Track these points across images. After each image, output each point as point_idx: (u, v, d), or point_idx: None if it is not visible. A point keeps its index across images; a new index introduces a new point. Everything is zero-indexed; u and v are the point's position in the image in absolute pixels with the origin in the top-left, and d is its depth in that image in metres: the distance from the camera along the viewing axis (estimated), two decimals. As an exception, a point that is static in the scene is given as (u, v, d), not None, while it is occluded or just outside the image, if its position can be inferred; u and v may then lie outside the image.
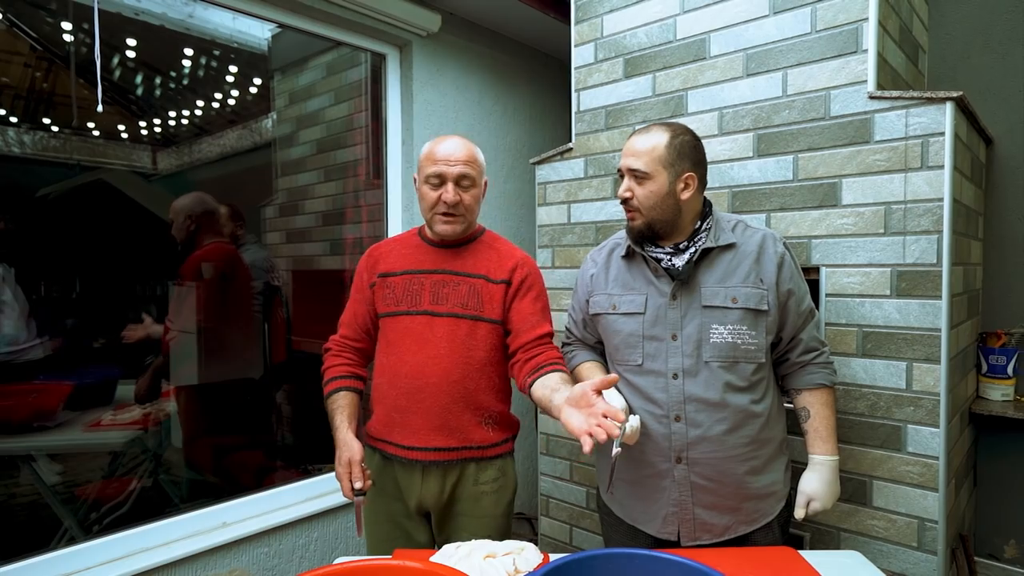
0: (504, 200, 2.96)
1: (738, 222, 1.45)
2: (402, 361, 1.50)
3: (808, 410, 1.45)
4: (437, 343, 1.48)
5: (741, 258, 1.39)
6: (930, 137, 1.59)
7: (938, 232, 1.59)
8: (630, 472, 1.47)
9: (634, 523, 1.49)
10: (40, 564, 1.66)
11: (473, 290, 1.51)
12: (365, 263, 1.62)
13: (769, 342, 1.41)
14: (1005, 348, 2.04)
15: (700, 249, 1.38)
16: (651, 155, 1.36)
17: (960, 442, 1.87)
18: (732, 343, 1.37)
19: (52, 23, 2.34)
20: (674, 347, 1.40)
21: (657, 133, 1.38)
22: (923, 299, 1.61)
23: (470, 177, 1.49)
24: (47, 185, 2.63)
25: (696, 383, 1.38)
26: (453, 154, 1.47)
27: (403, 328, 1.51)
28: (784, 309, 1.41)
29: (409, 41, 2.52)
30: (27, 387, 2.38)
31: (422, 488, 1.52)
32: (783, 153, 1.83)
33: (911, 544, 1.65)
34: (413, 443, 1.50)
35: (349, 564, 1.05)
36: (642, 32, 2.12)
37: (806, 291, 1.45)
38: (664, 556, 1.06)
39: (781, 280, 1.39)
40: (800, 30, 1.79)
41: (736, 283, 1.37)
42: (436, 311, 1.50)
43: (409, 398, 1.49)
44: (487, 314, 1.50)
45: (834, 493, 1.44)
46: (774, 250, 1.40)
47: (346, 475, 1.41)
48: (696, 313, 1.38)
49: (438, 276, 1.52)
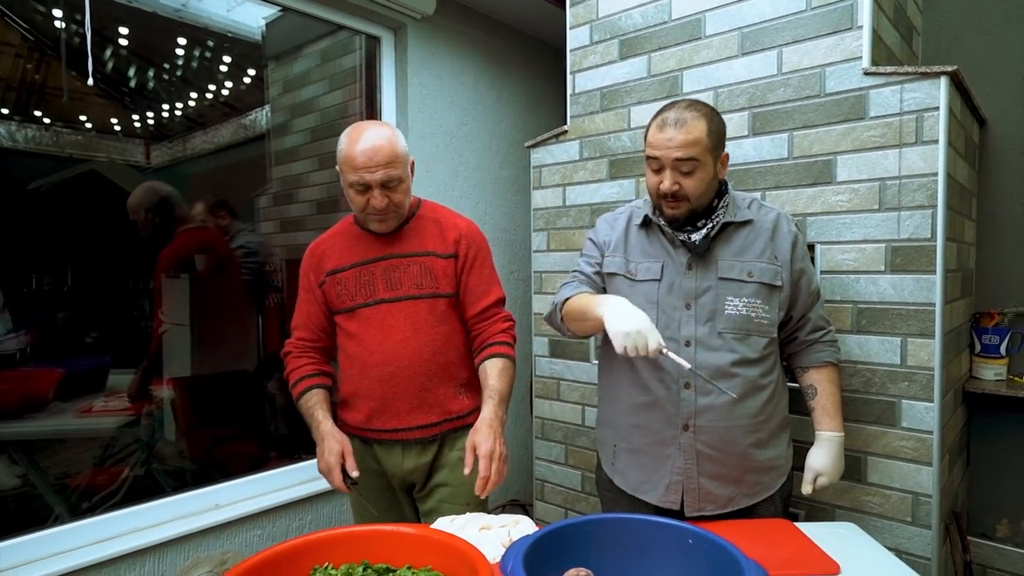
0: (499, 186, 2.96)
1: (753, 200, 1.47)
2: (370, 351, 1.50)
3: (815, 387, 1.47)
4: (399, 327, 1.49)
5: (757, 234, 1.41)
6: (925, 112, 1.59)
7: (932, 207, 1.59)
8: (635, 440, 1.47)
9: (635, 493, 1.49)
10: (29, 543, 1.64)
11: (424, 268, 1.51)
12: (308, 263, 1.60)
13: (780, 318, 1.43)
14: (998, 327, 2.05)
15: (719, 224, 1.39)
16: (699, 145, 1.32)
17: (954, 419, 1.88)
18: (746, 315, 1.38)
19: (44, 13, 2.31)
20: (687, 316, 1.41)
21: (696, 122, 1.33)
22: (917, 274, 1.62)
23: (395, 177, 1.43)
24: (38, 177, 2.61)
25: (708, 352, 1.39)
26: (373, 158, 1.39)
27: (363, 320, 1.51)
28: (796, 287, 1.43)
29: (404, 24, 2.51)
30: (16, 374, 2.36)
31: (403, 462, 1.54)
32: (778, 131, 1.83)
33: (905, 519, 1.65)
34: (395, 425, 1.51)
35: (346, 529, 1.05)
36: (637, 13, 2.12)
37: (814, 272, 1.50)
38: (658, 520, 1.06)
39: (795, 258, 1.42)
40: (795, 7, 1.79)
41: (752, 258, 1.40)
42: (392, 297, 1.50)
43: (385, 385, 1.49)
44: (443, 289, 1.52)
45: (839, 469, 1.47)
46: (788, 229, 1.43)
47: (337, 466, 1.41)
48: (712, 284, 1.40)
49: (387, 262, 1.52)
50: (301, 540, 1.00)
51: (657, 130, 1.36)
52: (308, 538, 1.01)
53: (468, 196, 2.80)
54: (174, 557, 1.83)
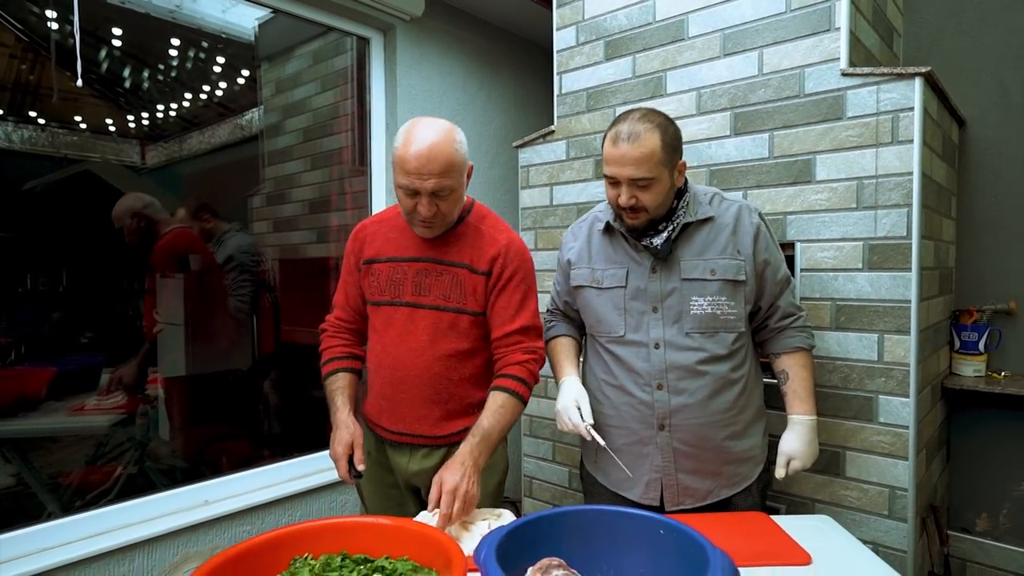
0: (488, 186, 2.98)
1: (715, 194, 1.48)
2: (386, 352, 1.50)
3: (787, 372, 1.48)
4: (419, 335, 1.46)
5: (719, 230, 1.42)
6: (900, 112, 1.62)
7: (908, 205, 1.62)
8: (614, 440, 1.50)
9: (617, 490, 1.52)
10: (20, 537, 1.66)
11: (455, 280, 1.46)
12: (352, 245, 1.59)
13: (748, 311, 1.45)
14: (977, 325, 2.08)
15: (679, 225, 1.41)
16: (651, 161, 1.31)
17: (932, 415, 1.91)
18: (712, 314, 1.40)
19: (37, 14, 2.33)
20: (655, 318, 1.43)
21: (648, 135, 1.32)
22: (894, 271, 1.65)
23: (447, 187, 1.35)
24: (33, 178, 2.62)
25: (677, 352, 1.41)
26: (426, 165, 1.31)
27: (387, 318, 1.50)
28: (761, 279, 1.44)
29: (393, 25, 2.54)
30: (9, 372, 2.38)
31: (408, 465, 1.53)
32: (759, 131, 1.86)
33: (882, 512, 1.68)
34: (400, 428, 1.51)
35: (326, 521, 1.08)
36: (622, 14, 2.15)
37: (782, 259, 1.49)
38: (630, 511, 1.08)
39: (757, 251, 1.42)
40: (775, 9, 1.82)
41: (714, 255, 1.41)
42: (418, 303, 1.46)
43: (393, 388, 1.49)
44: (469, 306, 1.45)
45: (813, 452, 1.47)
46: (750, 221, 1.43)
47: (345, 456, 1.39)
48: (676, 286, 1.41)
49: (421, 264, 1.47)
50: (282, 531, 1.03)
51: (611, 144, 1.35)
52: (289, 529, 1.03)
53: (458, 196, 2.82)
54: (164, 552, 1.85)
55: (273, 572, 0.96)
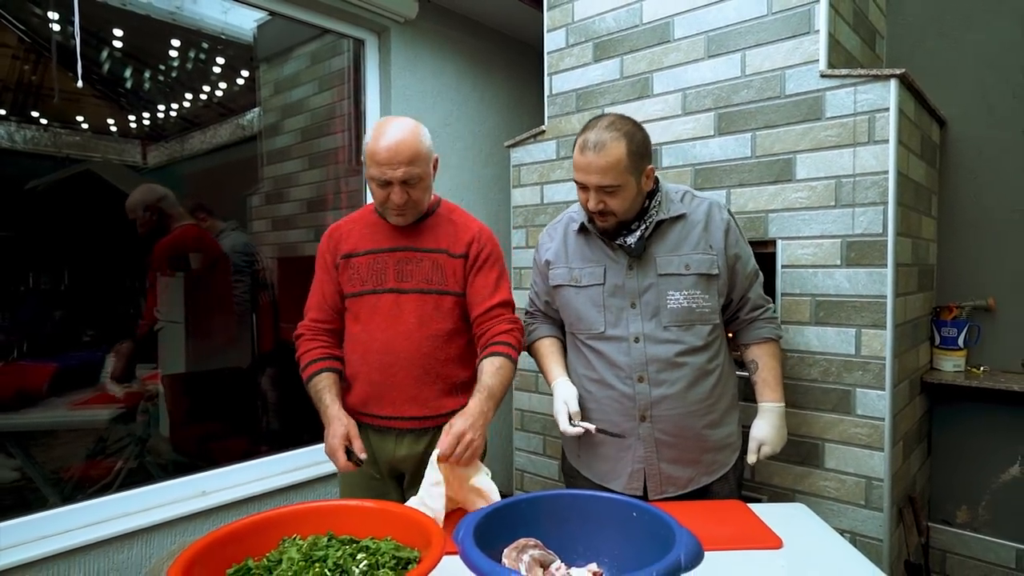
0: (482, 185, 3.03)
1: (685, 192, 1.52)
2: (372, 337, 1.55)
3: (757, 362, 1.54)
4: (406, 318, 1.53)
5: (691, 227, 1.47)
6: (876, 113, 1.67)
7: (884, 203, 1.66)
8: (596, 434, 1.54)
9: (602, 481, 1.56)
10: (18, 526, 1.71)
11: (435, 264, 1.55)
12: (327, 244, 1.64)
13: (720, 304, 1.50)
14: (956, 320, 2.13)
15: (653, 224, 1.45)
16: (616, 169, 1.35)
17: (910, 408, 1.95)
18: (688, 307, 1.45)
19: (40, 15, 2.37)
20: (634, 314, 1.47)
21: (614, 144, 1.34)
22: (870, 267, 1.69)
23: (416, 175, 1.46)
24: (35, 177, 2.67)
25: (656, 345, 1.46)
26: (395, 156, 1.42)
27: (371, 306, 1.55)
28: (732, 272, 1.49)
29: (387, 27, 2.58)
30: (10, 368, 2.42)
31: (395, 451, 1.58)
32: (742, 131, 1.91)
33: (859, 502, 1.73)
34: (388, 413, 1.56)
35: (313, 504, 1.12)
36: (610, 17, 2.19)
37: (751, 253, 1.54)
38: (605, 496, 1.13)
39: (728, 245, 1.47)
40: (757, 12, 1.86)
41: (688, 251, 1.45)
42: (402, 288, 1.54)
43: (382, 373, 1.54)
44: (450, 287, 1.55)
45: (782, 438, 1.53)
46: (720, 217, 1.48)
47: (341, 447, 1.44)
48: (653, 281, 1.46)
49: (400, 253, 1.55)
50: (271, 513, 1.07)
51: (579, 152, 1.39)
52: (277, 511, 1.08)
53: (451, 195, 2.87)
54: (161, 541, 1.90)
55: (262, 551, 1.01)
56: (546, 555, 1.05)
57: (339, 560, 0.97)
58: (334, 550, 1.01)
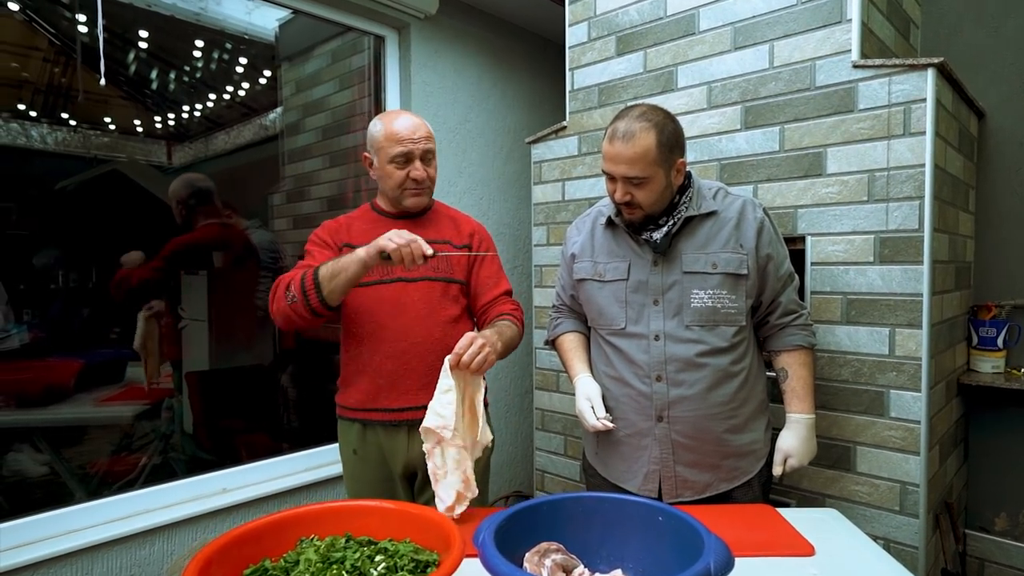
0: (503, 182, 3.00)
1: (719, 189, 1.47)
2: (383, 327, 1.53)
3: (786, 371, 1.48)
4: (415, 306, 1.54)
5: (721, 224, 1.42)
6: (912, 104, 1.61)
7: (920, 198, 1.60)
8: (614, 432, 1.51)
9: (617, 481, 1.53)
10: (42, 521, 1.73)
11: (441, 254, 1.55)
12: (326, 230, 1.61)
13: (749, 305, 1.44)
14: (995, 320, 2.04)
15: (681, 220, 1.41)
16: (645, 160, 1.32)
17: (946, 410, 1.88)
18: (712, 307, 1.40)
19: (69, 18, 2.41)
20: (656, 311, 1.43)
21: (644, 135, 1.31)
22: (905, 264, 1.63)
23: (432, 152, 1.57)
24: (64, 177, 2.72)
25: (676, 344, 1.41)
26: (416, 131, 1.53)
27: (376, 297, 1.55)
28: (763, 273, 1.44)
29: (407, 23, 2.57)
30: (39, 364, 2.47)
31: (408, 449, 1.56)
32: (770, 124, 1.85)
33: (893, 508, 1.67)
34: (402, 404, 1.54)
35: (331, 504, 1.11)
36: (633, 9, 2.15)
37: (785, 256, 1.48)
38: (630, 499, 1.10)
39: (760, 245, 1.42)
40: (786, 2, 1.81)
41: (716, 249, 1.41)
42: (409, 277, 1.54)
43: (396, 361, 1.53)
44: (456, 275, 1.60)
45: (810, 450, 1.47)
46: (753, 216, 1.43)
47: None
48: (677, 278, 1.42)
49: None
50: (289, 512, 1.06)
51: (608, 141, 1.36)
52: (295, 511, 1.06)
53: (471, 192, 2.86)
54: (183, 538, 1.91)
55: (280, 552, 1.00)
56: (568, 559, 1.02)
57: (357, 562, 0.95)
58: (352, 552, 0.99)
